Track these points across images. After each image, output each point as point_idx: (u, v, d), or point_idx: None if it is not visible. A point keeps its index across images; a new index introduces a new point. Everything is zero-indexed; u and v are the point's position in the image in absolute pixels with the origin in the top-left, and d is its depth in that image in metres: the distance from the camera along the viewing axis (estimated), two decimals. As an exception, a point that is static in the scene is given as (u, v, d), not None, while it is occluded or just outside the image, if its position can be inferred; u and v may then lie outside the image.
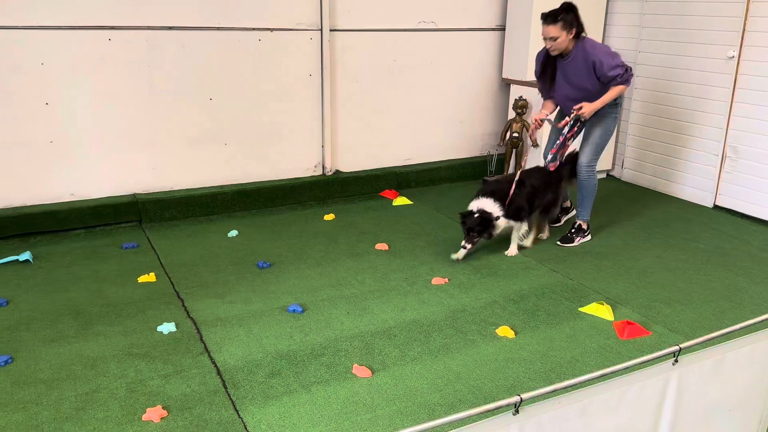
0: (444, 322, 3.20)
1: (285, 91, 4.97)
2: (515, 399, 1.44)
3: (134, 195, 4.56)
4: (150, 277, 3.65)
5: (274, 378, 2.70)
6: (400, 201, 5.20)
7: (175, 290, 3.51)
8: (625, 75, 3.84)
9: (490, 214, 3.86)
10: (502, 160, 5.83)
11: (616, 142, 5.92)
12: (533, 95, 5.50)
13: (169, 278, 3.66)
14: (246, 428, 2.38)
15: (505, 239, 4.15)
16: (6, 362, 2.75)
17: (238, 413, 2.47)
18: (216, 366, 2.78)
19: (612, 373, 1.62)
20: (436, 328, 3.15)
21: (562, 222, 4.62)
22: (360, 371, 2.75)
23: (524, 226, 4.07)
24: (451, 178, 5.79)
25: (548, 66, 4.03)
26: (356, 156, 5.41)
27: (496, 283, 3.68)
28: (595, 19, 5.75)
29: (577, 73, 3.90)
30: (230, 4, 4.59)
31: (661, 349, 1.89)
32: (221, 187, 4.85)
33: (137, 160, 4.57)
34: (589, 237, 4.34)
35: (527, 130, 5.49)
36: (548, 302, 3.45)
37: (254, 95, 4.85)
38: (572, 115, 3.96)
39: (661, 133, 5.51)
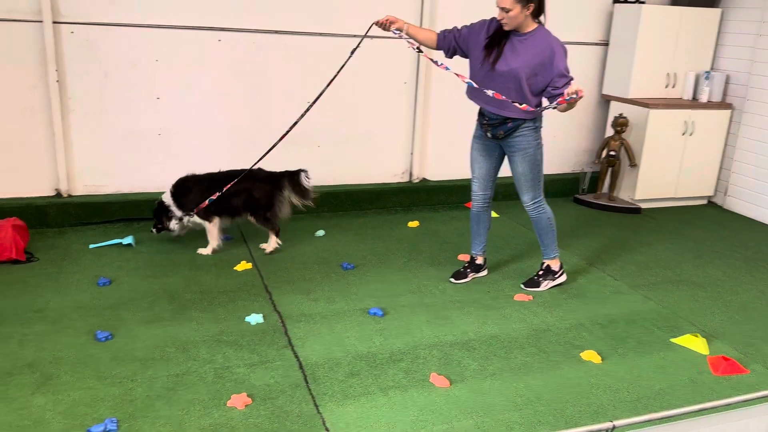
0: (526, 340, 3.14)
1: (379, 97, 5.04)
2: (608, 425, 1.39)
3: (230, 189, 4.76)
4: (247, 265, 3.82)
5: (353, 378, 2.74)
6: (487, 213, 5.14)
7: (264, 283, 3.63)
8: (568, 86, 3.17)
9: (167, 206, 3.95)
10: (596, 178, 5.66)
11: (720, 168, 5.62)
12: (634, 113, 5.32)
13: (259, 271, 3.79)
14: (324, 424, 2.43)
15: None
16: (107, 338, 2.94)
17: (317, 408, 2.52)
18: (299, 360, 2.85)
19: (712, 408, 1.53)
20: (517, 345, 3.09)
21: (469, 279, 3.80)
22: (438, 380, 2.74)
23: (212, 225, 3.98)
24: (540, 194, 5.67)
25: (497, 39, 3.33)
26: (444, 165, 5.41)
27: (583, 305, 3.57)
28: (707, 38, 5.49)
29: (526, 52, 3.25)
30: (334, 10, 4.71)
31: (759, 390, 1.77)
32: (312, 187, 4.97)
33: (237, 156, 4.75)
34: (563, 278, 3.77)
35: (626, 149, 5.31)
36: (638, 330, 3.31)
37: (350, 100, 4.95)
38: (568, 98, 3.12)
39: (772, 161, 5.18)
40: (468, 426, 2.46)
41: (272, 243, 4.09)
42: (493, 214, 5.08)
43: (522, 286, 3.74)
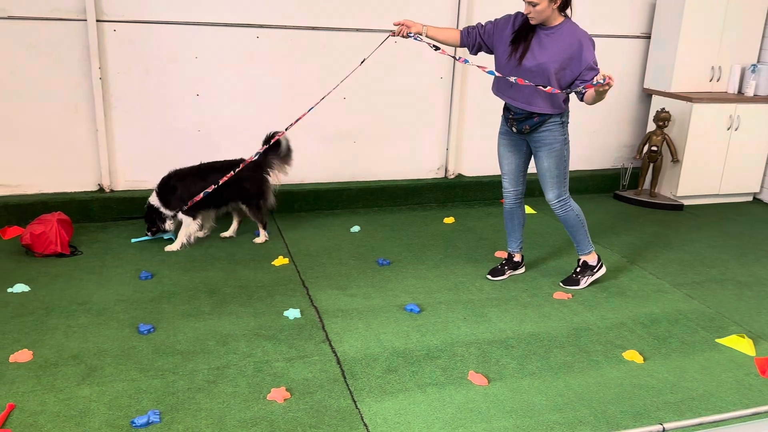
0: (566, 339, 3.09)
1: (415, 92, 5.02)
2: (657, 427, 1.36)
3: (267, 185, 4.80)
4: (284, 260, 3.85)
5: (390, 374, 2.73)
6: (523, 209, 5.08)
7: (301, 278, 3.65)
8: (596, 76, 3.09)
9: (157, 208, 3.98)
10: (637, 174, 5.54)
11: (767, 163, 5.44)
12: (676, 107, 5.19)
13: (296, 267, 3.81)
14: (363, 419, 2.43)
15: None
16: (149, 331, 2.99)
17: (355, 404, 2.52)
18: (336, 355, 2.86)
19: (766, 412, 1.48)
20: (557, 344, 3.05)
21: (506, 276, 3.76)
22: (476, 378, 2.72)
23: (193, 224, 4.02)
24: (578, 190, 5.57)
25: (523, 33, 3.26)
26: (480, 161, 5.36)
27: (625, 303, 3.50)
28: (753, 29, 5.32)
29: (554, 46, 3.19)
30: (369, 7, 4.70)
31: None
32: (347, 183, 4.99)
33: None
34: (602, 271, 3.68)
35: (668, 144, 5.18)
36: (682, 329, 3.23)
37: (385, 96, 4.94)
38: (596, 85, 3.06)
39: (823, 156, 5.00)
40: (507, 425, 2.43)
41: (262, 236, 4.18)
42: (530, 210, 5.03)
43: (561, 284, 3.69)
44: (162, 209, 3.98)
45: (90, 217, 4.39)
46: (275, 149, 4.11)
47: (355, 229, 4.50)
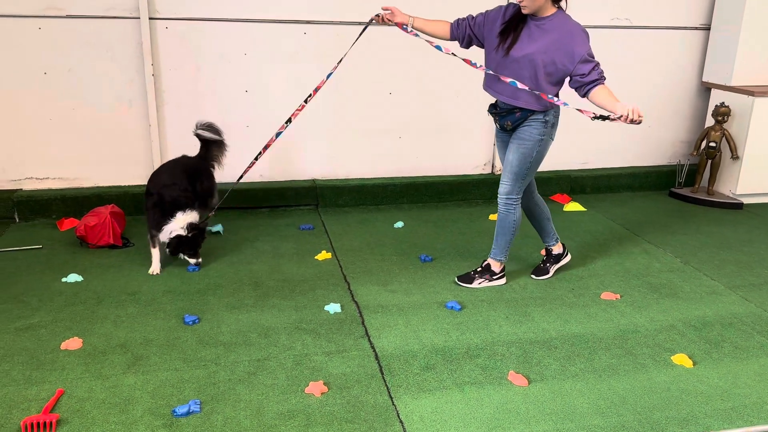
0: (612, 341, 3.00)
1: (460, 88, 4.95)
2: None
3: (314, 180, 4.85)
4: (327, 255, 3.88)
5: (428, 371, 2.71)
6: (572, 207, 4.96)
7: (343, 273, 3.66)
8: (599, 71, 3.07)
9: (198, 224, 3.64)
10: (694, 171, 5.33)
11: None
12: (737, 101, 4.96)
13: (338, 261, 3.83)
14: (399, 416, 2.42)
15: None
16: (194, 322, 3.06)
17: (392, 400, 2.51)
18: (375, 351, 2.86)
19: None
20: (602, 346, 2.96)
21: (551, 274, 3.67)
22: (516, 379, 2.67)
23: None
24: (631, 187, 5.41)
25: (513, 24, 3.14)
26: (529, 157, 5.25)
27: (675, 305, 3.37)
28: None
29: (544, 38, 3.06)
30: (419, 2, 4.66)
31: None
32: (392, 178, 4.98)
33: (319, 147, 4.83)
34: (501, 282, 3.54)
35: (727, 140, 4.97)
36: (736, 333, 3.09)
37: (431, 91, 4.90)
38: (592, 116, 3.01)
39: None
40: (548, 428, 2.38)
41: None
42: (580, 208, 4.92)
43: (456, 278, 3.58)
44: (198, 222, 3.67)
45: (142, 210, 4.49)
46: (215, 140, 3.95)
47: (399, 224, 4.48)
